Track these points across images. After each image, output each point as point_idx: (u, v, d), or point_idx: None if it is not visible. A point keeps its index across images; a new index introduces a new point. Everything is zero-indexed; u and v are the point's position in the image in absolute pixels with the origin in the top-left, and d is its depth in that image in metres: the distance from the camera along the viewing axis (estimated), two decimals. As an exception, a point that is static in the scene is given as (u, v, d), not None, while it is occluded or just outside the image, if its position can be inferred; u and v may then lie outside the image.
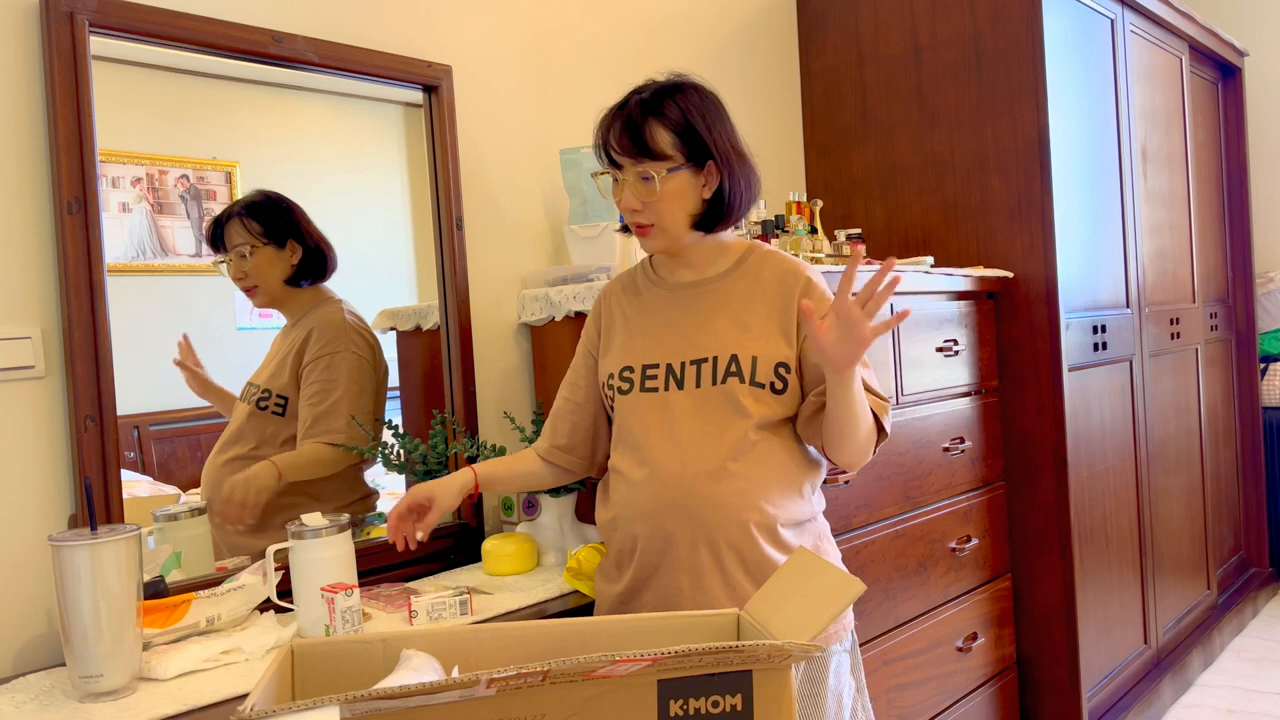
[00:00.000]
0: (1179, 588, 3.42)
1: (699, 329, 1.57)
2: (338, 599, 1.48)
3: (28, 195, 1.56)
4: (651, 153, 1.49)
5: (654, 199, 1.50)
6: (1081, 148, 2.89)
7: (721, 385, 1.52)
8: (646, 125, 1.49)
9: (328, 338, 1.93)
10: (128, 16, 1.64)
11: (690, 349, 1.56)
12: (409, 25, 2.08)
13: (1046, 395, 2.72)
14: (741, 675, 0.98)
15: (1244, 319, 4.21)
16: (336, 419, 1.92)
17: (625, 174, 1.51)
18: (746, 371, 1.52)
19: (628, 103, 1.52)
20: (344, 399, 1.93)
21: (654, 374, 1.56)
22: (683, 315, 1.59)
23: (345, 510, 1.94)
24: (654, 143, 1.49)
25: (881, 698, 2.23)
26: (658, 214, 1.52)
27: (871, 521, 2.24)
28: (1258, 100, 4.60)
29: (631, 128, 1.49)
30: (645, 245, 1.57)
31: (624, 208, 1.53)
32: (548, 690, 0.94)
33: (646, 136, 1.49)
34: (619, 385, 1.60)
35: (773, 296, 1.56)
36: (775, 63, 3.09)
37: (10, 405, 1.54)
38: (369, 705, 0.87)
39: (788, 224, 2.46)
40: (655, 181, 1.49)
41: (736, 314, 1.56)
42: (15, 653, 1.53)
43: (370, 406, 2.00)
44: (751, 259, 1.61)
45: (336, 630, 1.47)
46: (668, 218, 1.52)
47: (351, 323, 1.98)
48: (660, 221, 1.52)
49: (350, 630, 1.48)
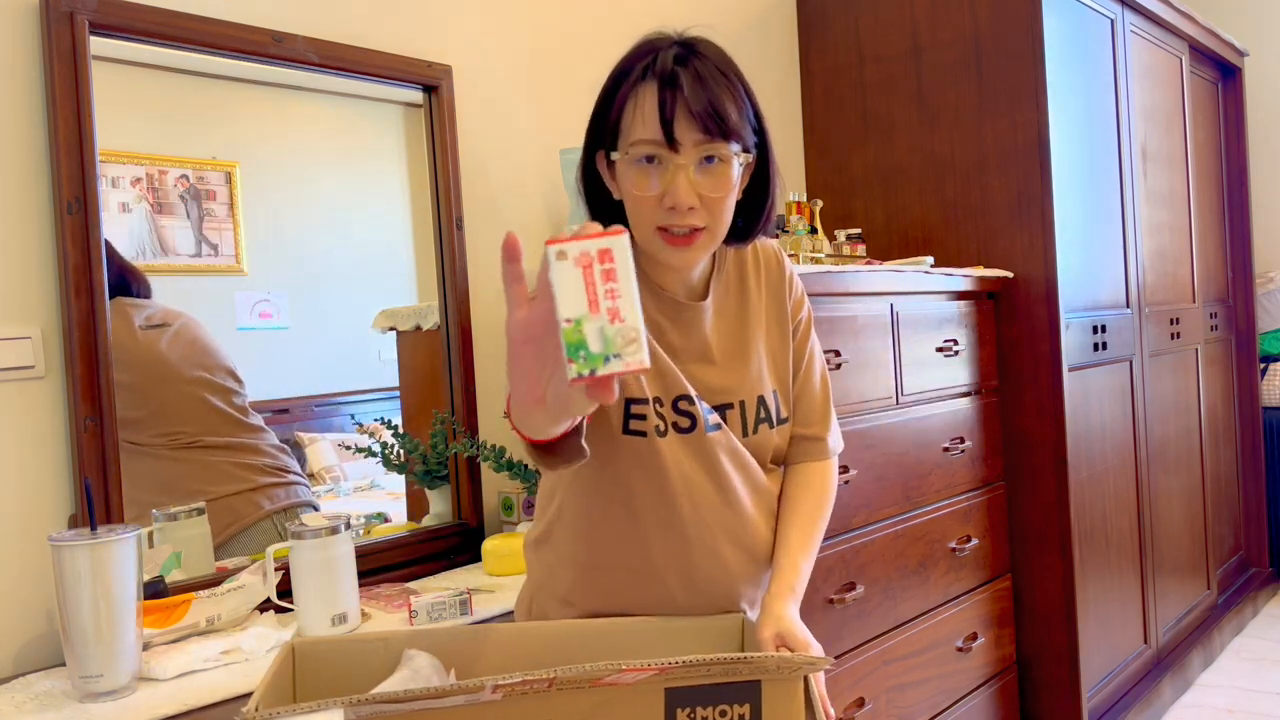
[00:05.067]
0: (1179, 588, 3.42)
1: (713, 366, 1.24)
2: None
3: (28, 195, 1.56)
4: (726, 129, 1.11)
5: (720, 193, 1.12)
6: (1081, 147, 2.89)
7: (754, 436, 1.25)
8: (719, 92, 1.11)
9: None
10: (128, 16, 1.63)
11: (706, 392, 1.22)
12: (409, 25, 2.08)
13: (1046, 395, 2.72)
14: (750, 685, 0.97)
15: (1244, 319, 4.21)
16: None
17: (681, 159, 1.10)
18: (773, 410, 1.26)
19: (681, 54, 1.14)
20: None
21: (687, 409, 1.20)
22: (684, 337, 1.23)
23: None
24: (729, 118, 1.11)
25: (881, 698, 2.23)
26: (716, 214, 1.13)
27: (871, 521, 2.24)
28: (1258, 100, 4.60)
29: (706, 92, 1.10)
30: (683, 258, 1.15)
31: (672, 205, 1.11)
32: (553, 697, 0.93)
33: (722, 108, 1.10)
34: (656, 424, 1.19)
35: (768, 303, 1.30)
36: (775, 63, 3.09)
37: (10, 405, 1.53)
38: (373, 708, 0.86)
39: (788, 224, 2.46)
40: (727, 168, 1.12)
41: (749, 340, 1.27)
42: (15, 653, 1.52)
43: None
44: (729, 259, 1.29)
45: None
46: (725, 218, 1.15)
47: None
48: (715, 224, 1.14)
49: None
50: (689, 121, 1.09)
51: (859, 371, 2.22)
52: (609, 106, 1.16)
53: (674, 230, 1.12)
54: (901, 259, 2.69)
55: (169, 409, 1.85)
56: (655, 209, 1.12)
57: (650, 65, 1.13)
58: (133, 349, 1.77)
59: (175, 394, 1.86)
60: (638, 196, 1.13)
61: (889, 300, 2.34)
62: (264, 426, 1.94)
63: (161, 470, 1.82)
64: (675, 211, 1.11)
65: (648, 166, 1.12)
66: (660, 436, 1.19)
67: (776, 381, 1.28)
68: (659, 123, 1.09)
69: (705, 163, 1.11)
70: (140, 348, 1.81)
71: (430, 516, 2.08)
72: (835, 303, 2.17)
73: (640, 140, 1.11)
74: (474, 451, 1.98)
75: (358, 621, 1.58)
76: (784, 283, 1.31)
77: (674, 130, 1.09)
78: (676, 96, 1.09)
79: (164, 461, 1.83)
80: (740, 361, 1.25)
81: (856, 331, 2.23)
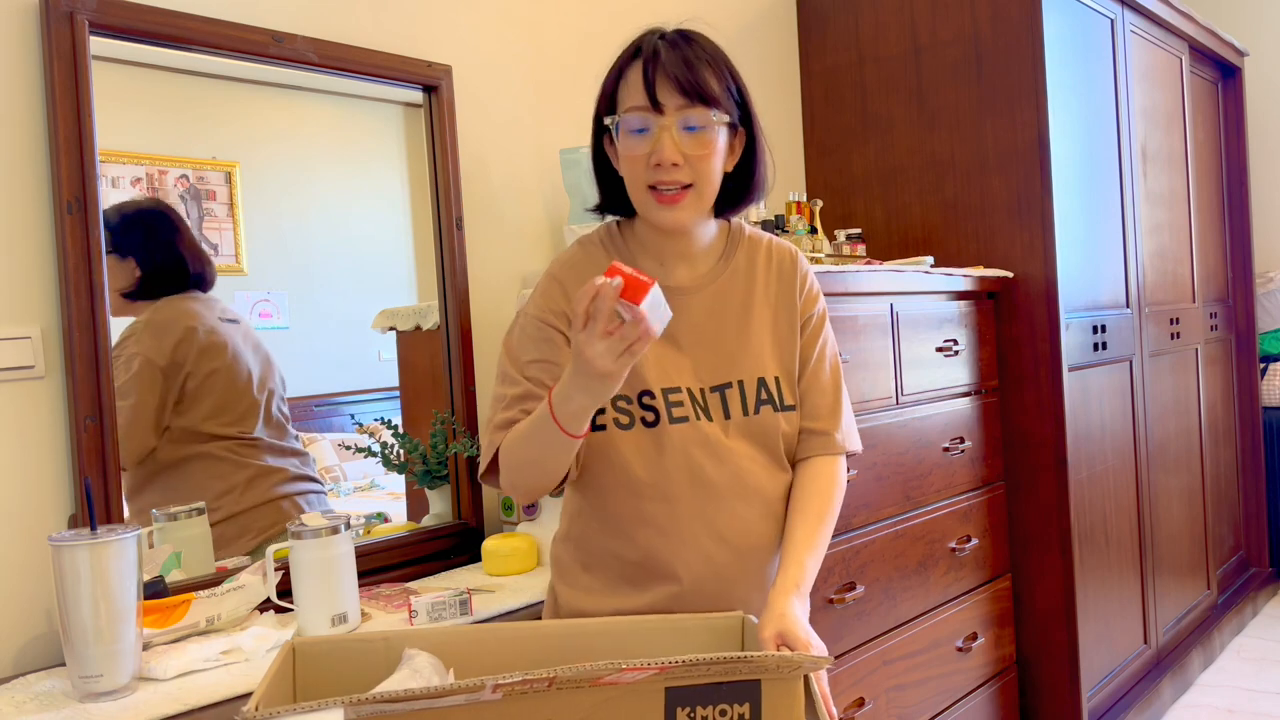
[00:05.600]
0: (1179, 588, 3.42)
1: (712, 348, 1.32)
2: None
3: (28, 195, 1.56)
4: (706, 97, 1.23)
5: (703, 152, 1.24)
6: (1081, 148, 2.89)
7: (755, 416, 1.31)
8: (698, 65, 1.24)
9: (119, 343, 1.76)
10: (128, 16, 1.63)
11: (707, 372, 1.31)
12: (409, 25, 2.08)
13: (1046, 395, 2.72)
14: (750, 684, 0.97)
15: (1244, 319, 4.22)
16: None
17: (666, 119, 1.23)
18: (775, 393, 1.32)
19: (667, 37, 1.27)
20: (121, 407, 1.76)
21: (678, 399, 1.29)
22: (689, 329, 1.32)
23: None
24: (708, 86, 1.24)
25: (881, 698, 2.23)
26: (701, 172, 1.25)
27: (871, 521, 2.24)
28: (1258, 100, 4.60)
29: (685, 64, 1.24)
30: (669, 215, 1.26)
31: (657, 159, 1.23)
32: (554, 696, 0.93)
33: (701, 77, 1.24)
34: (641, 414, 1.29)
35: (776, 294, 1.36)
36: (775, 63, 3.09)
37: (10, 405, 1.53)
38: (373, 708, 0.86)
39: (788, 224, 2.46)
40: (709, 131, 1.24)
41: (750, 323, 1.34)
42: (15, 653, 1.52)
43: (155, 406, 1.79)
44: (740, 250, 1.37)
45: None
46: (710, 181, 1.26)
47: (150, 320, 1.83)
48: (701, 183, 1.25)
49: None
50: (670, 86, 1.23)
51: (859, 371, 2.22)
52: (608, 85, 1.30)
53: (662, 188, 1.25)
54: (901, 259, 2.69)
55: (243, 405, 1.90)
56: (645, 168, 1.24)
57: (640, 47, 1.28)
58: (216, 339, 1.85)
59: (247, 389, 1.90)
60: (630, 158, 1.26)
61: (889, 300, 2.34)
62: (297, 434, 1.97)
63: (218, 468, 1.85)
64: (661, 168, 1.23)
65: (638, 136, 1.25)
66: (624, 429, 1.28)
67: (780, 368, 1.33)
68: (644, 88, 1.23)
69: (689, 129, 1.23)
70: (223, 338, 1.87)
71: (430, 516, 2.09)
72: (835, 303, 2.17)
73: (631, 107, 1.25)
74: (474, 451, 1.98)
75: (358, 621, 1.58)
76: (796, 277, 1.38)
77: (657, 94, 1.23)
78: (658, 66, 1.24)
79: (225, 463, 1.87)
80: (740, 344, 1.32)
81: (856, 331, 2.23)
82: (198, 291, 1.85)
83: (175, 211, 1.82)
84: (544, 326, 1.31)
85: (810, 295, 1.38)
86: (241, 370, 1.89)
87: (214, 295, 1.86)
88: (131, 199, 1.77)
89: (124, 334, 1.73)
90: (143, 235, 1.80)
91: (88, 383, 1.56)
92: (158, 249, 1.81)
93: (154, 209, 1.81)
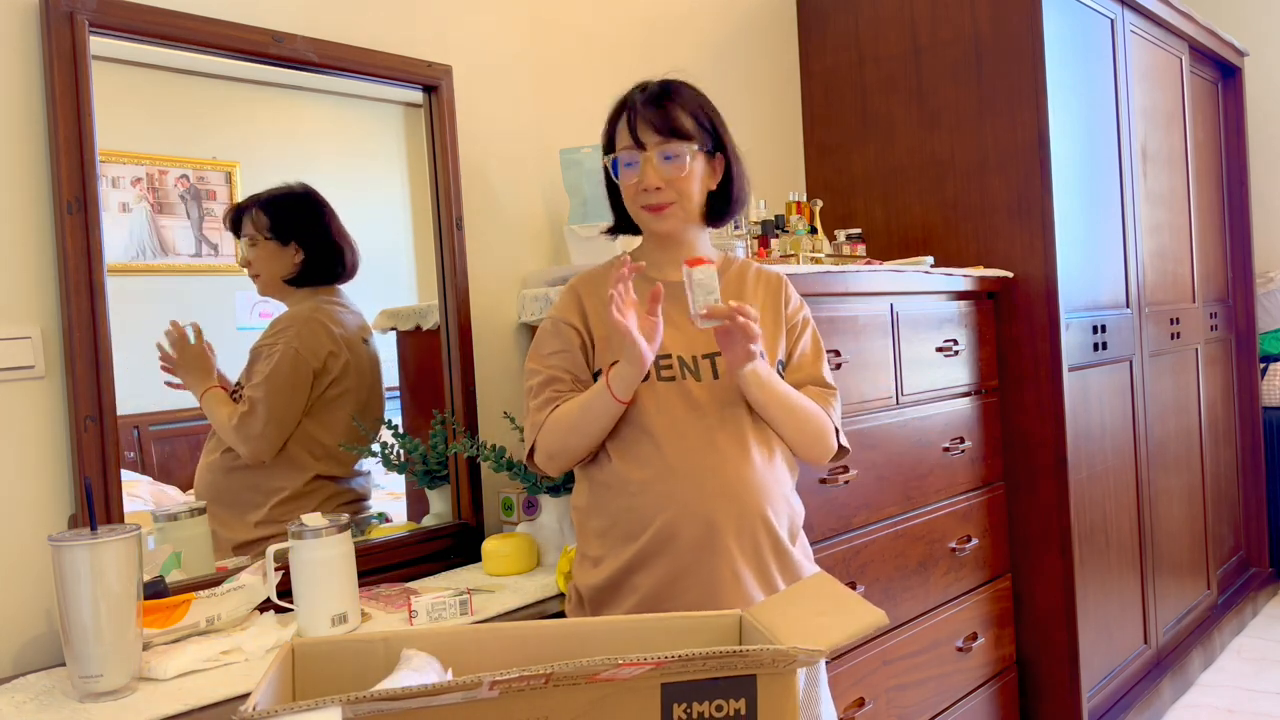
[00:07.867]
0: (1179, 588, 3.42)
1: (705, 329, 1.56)
2: (694, 271, 1.47)
3: (28, 195, 1.56)
4: (678, 132, 1.57)
5: (680, 176, 1.56)
6: (1081, 148, 2.89)
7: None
8: (671, 108, 1.57)
9: (274, 331, 1.85)
10: (128, 16, 1.63)
11: (697, 344, 1.59)
12: (409, 25, 2.08)
13: (1046, 395, 2.72)
14: (746, 679, 0.98)
15: (1244, 319, 4.21)
16: (250, 415, 1.82)
17: (648, 153, 1.56)
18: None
19: (646, 88, 1.60)
20: (262, 397, 1.83)
21: (668, 364, 1.57)
22: (681, 313, 1.57)
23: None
24: (679, 124, 1.57)
25: (881, 698, 2.23)
26: (680, 191, 1.57)
27: (871, 521, 2.24)
28: (1258, 100, 4.60)
29: (659, 108, 1.56)
30: (658, 224, 1.60)
31: (643, 185, 1.57)
32: (550, 692, 0.93)
33: (673, 117, 1.56)
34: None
35: (764, 298, 1.67)
36: (775, 63, 3.09)
37: (10, 405, 1.54)
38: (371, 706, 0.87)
39: (788, 224, 2.46)
40: (682, 159, 1.56)
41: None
42: (15, 653, 1.53)
43: (287, 403, 1.87)
44: (733, 269, 1.70)
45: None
46: (690, 197, 1.59)
47: (310, 318, 1.89)
48: (681, 200, 1.58)
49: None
50: (648, 127, 1.57)
51: (859, 371, 2.22)
52: (606, 132, 1.64)
53: (650, 205, 1.59)
54: (901, 259, 2.69)
55: (376, 406, 2.01)
56: (637, 192, 1.59)
57: (627, 101, 1.61)
58: (360, 355, 1.98)
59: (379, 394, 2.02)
60: (625, 187, 1.61)
61: (889, 300, 2.34)
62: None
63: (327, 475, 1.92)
64: (648, 191, 1.58)
65: (629, 169, 1.59)
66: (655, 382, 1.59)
67: (765, 349, 1.59)
68: (629, 132, 1.58)
69: (667, 158, 1.57)
70: (363, 358, 2.00)
71: (430, 516, 2.09)
72: (835, 303, 2.18)
73: (621, 147, 1.60)
74: (474, 451, 1.98)
75: (358, 621, 1.58)
76: (781, 290, 1.70)
77: (639, 135, 1.57)
78: (638, 113, 1.58)
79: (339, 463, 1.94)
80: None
81: (856, 331, 2.23)
82: (341, 286, 1.96)
83: (321, 195, 1.86)
84: (561, 325, 1.63)
85: (795, 306, 1.69)
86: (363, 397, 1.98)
87: (351, 299, 1.96)
88: (282, 184, 1.83)
89: (276, 324, 1.83)
90: (303, 220, 1.85)
91: (88, 383, 1.56)
92: (319, 233, 1.88)
93: (306, 193, 1.86)
